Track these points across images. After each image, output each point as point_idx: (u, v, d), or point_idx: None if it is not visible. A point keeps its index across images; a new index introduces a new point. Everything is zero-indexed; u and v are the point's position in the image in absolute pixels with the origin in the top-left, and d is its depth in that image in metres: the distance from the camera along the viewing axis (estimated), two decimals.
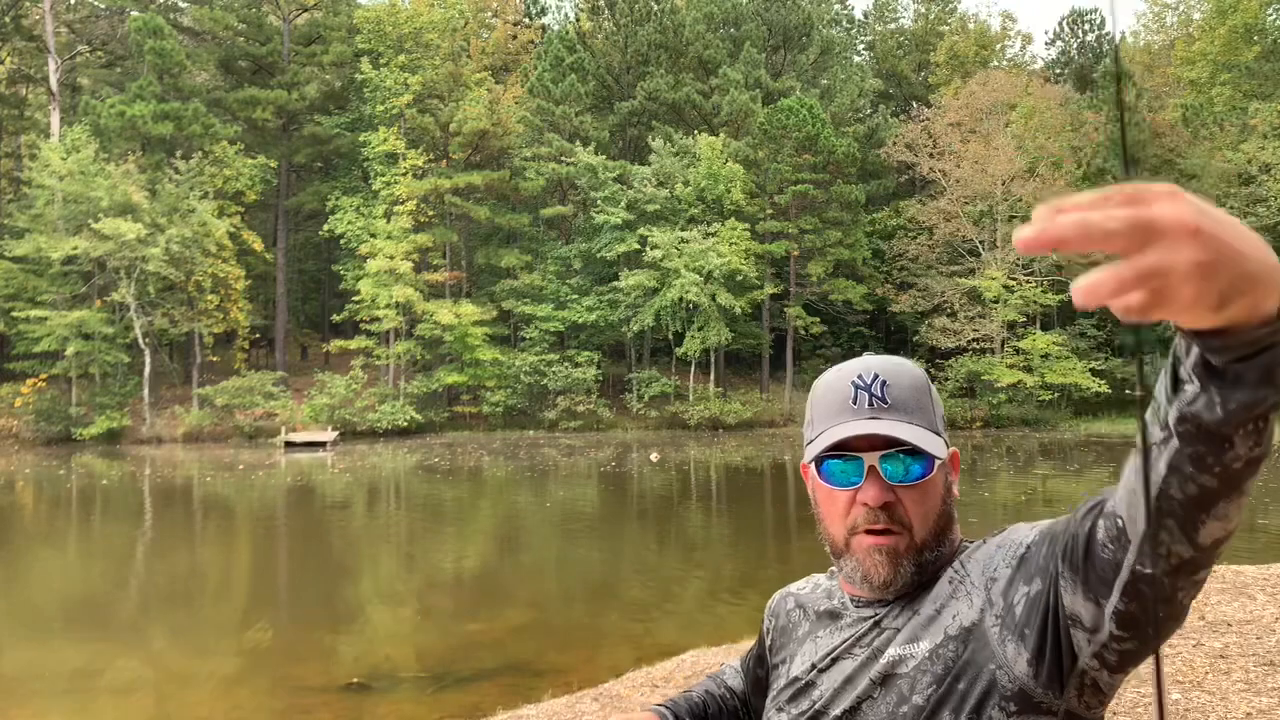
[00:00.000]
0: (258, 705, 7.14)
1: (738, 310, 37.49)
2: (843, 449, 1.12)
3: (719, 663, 6.36)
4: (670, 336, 38.18)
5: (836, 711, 1.14)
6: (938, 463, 1.13)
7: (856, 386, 1.15)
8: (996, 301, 36.65)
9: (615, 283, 38.41)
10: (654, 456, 27.42)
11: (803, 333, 41.34)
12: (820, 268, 39.62)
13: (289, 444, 32.24)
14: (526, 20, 53.27)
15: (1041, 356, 36.22)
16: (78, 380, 34.28)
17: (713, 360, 38.89)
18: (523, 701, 5.98)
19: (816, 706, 1.17)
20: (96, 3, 42.64)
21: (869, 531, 1.12)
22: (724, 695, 1.48)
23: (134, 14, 38.54)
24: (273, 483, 23.18)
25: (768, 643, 1.36)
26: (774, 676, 1.30)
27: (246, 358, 40.70)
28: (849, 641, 1.17)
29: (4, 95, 41.95)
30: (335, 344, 39.03)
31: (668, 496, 20.11)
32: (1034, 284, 37.22)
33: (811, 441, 1.17)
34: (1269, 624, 6.21)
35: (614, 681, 6.12)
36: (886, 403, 1.13)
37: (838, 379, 1.18)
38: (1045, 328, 38.68)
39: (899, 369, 1.17)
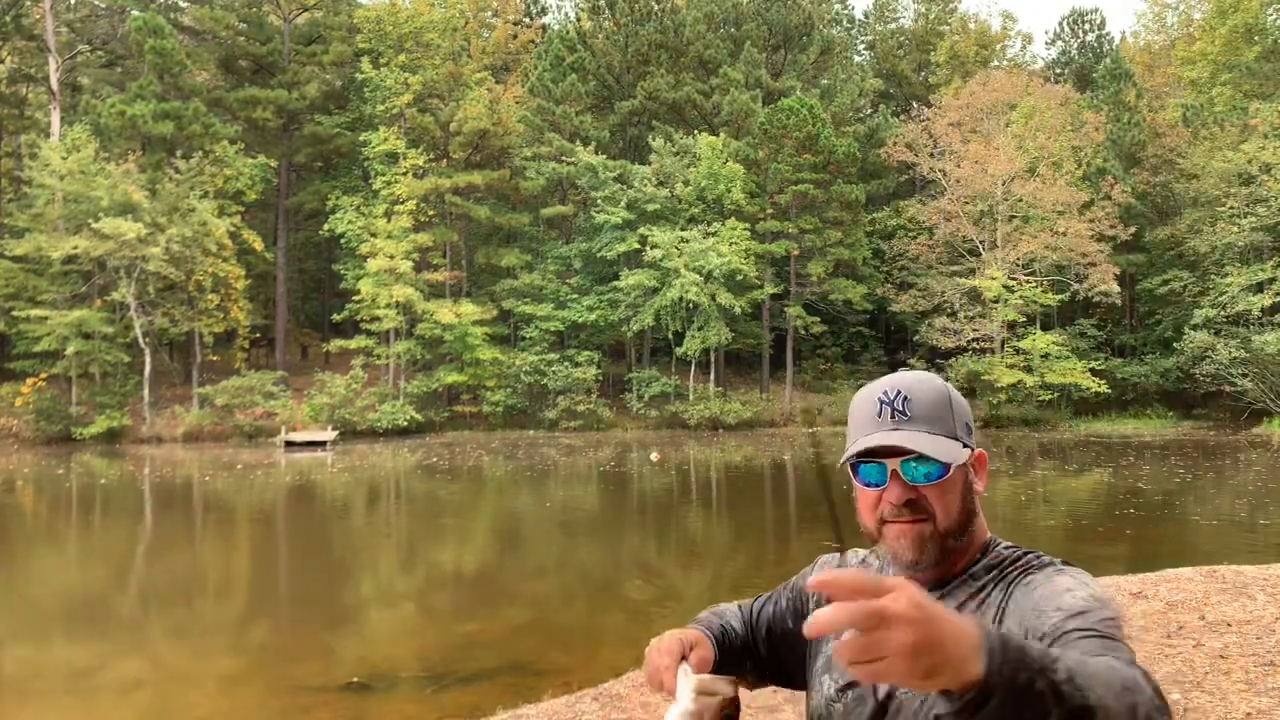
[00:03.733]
0: (258, 705, 7.14)
1: (738, 310, 37.49)
2: (870, 455, 1.32)
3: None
4: (670, 336, 38.18)
5: (880, 694, 1.32)
6: (953, 466, 1.30)
7: (882, 401, 1.34)
8: (997, 301, 36.63)
9: (615, 282, 38.42)
10: (654, 456, 27.42)
11: (803, 332, 41.34)
12: (820, 267, 39.62)
13: (289, 443, 32.25)
14: (527, 20, 53.30)
15: (1041, 356, 36.21)
16: (78, 380, 34.29)
17: (713, 360, 38.89)
18: (523, 701, 5.98)
19: (864, 686, 1.34)
20: (97, 2, 42.65)
21: (894, 521, 1.32)
22: (733, 631, 1.61)
23: (134, 13, 38.53)
24: (273, 482, 23.18)
25: (810, 606, 1.53)
26: (820, 641, 1.45)
27: (247, 357, 40.69)
28: None
29: (4, 94, 41.94)
30: (335, 343, 39.03)
31: (668, 496, 20.11)
32: (1034, 284, 37.21)
33: (849, 448, 1.36)
34: (1269, 624, 6.20)
35: (614, 681, 6.12)
36: (907, 415, 1.32)
37: (869, 394, 1.37)
38: (1045, 328, 38.66)
39: (920, 384, 1.35)
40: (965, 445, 1.34)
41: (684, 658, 1.41)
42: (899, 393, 1.33)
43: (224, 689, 7.63)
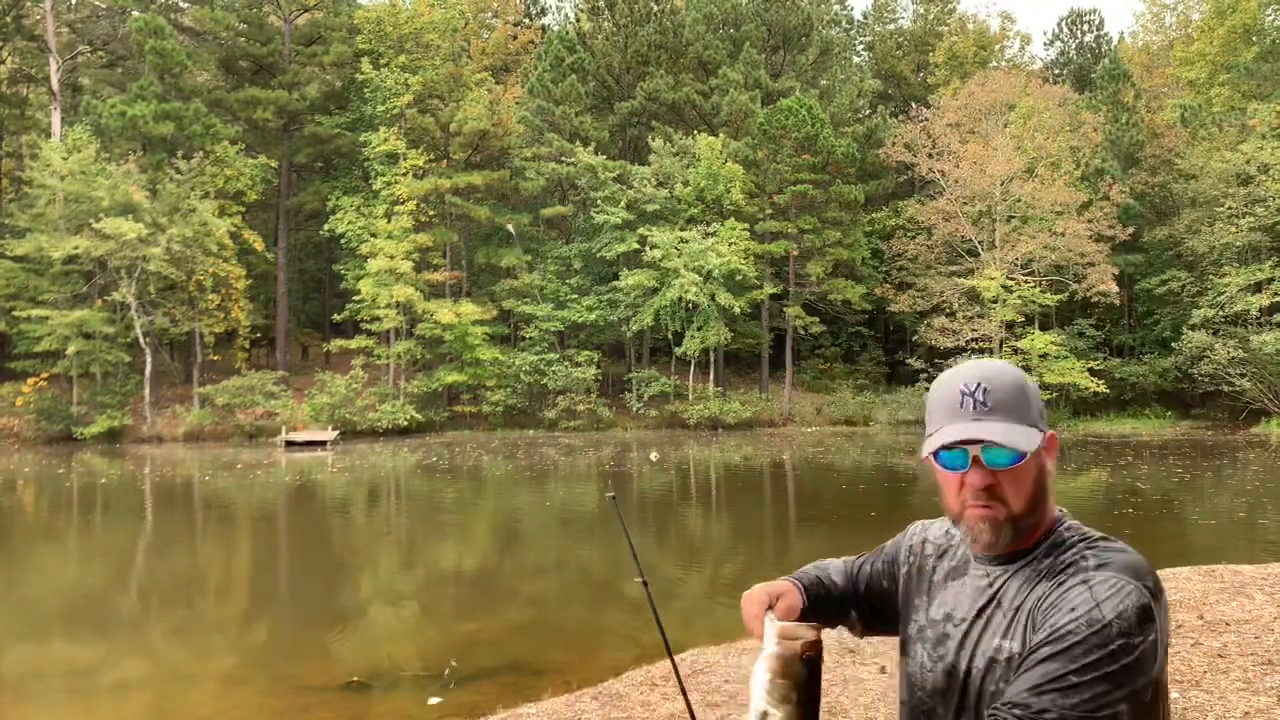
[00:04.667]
0: (258, 704, 7.16)
1: (737, 310, 37.52)
2: (953, 444, 1.41)
3: (719, 662, 6.39)
4: (670, 336, 38.21)
5: (962, 667, 1.44)
6: (1030, 453, 1.38)
7: (963, 393, 1.42)
8: (995, 301, 36.65)
9: (615, 282, 38.44)
10: (653, 456, 27.44)
11: (802, 332, 41.37)
12: (819, 267, 39.64)
13: (289, 443, 32.27)
14: (526, 20, 53.31)
15: (1040, 356, 36.22)
16: (79, 379, 34.30)
17: (712, 360, 38.91)
18: (523, 700, 6.00)
19: (948, 660, 1.47)
20: (98, 3, 42.63)
21: (975, 505, 1.42)
22: (831, 583, 1.77)
23: (135, 14, 38.54)
24: (273, 482, 23.19)
25: (902, 571, 1.68)
26: (911, 608, 1.62)
27: (247, 357, 40.72)
28: (974, 613, 1.46)
29: (5, 95, 41.95)
30: (336, 343, 39.05)
31: (667, 496, 20.13)
32: (1033, 284, 37.24)
33: (930, 436, 1.45)
34: (1267, 623, 6.23)
35: (614, 680, 6.14)
36: (987, 406, 1.40)
37: (951, 384, 1.45)
38: (1044, 328, 38.68)
39: (999, 375, 1.43)
40: (1040, 430, 1.42)
41: (770, 607, 1.60)
42: (979, 384, 1.41)
43: (224, 688, 7.65)
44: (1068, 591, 1.30)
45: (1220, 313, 35.56)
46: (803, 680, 1.42)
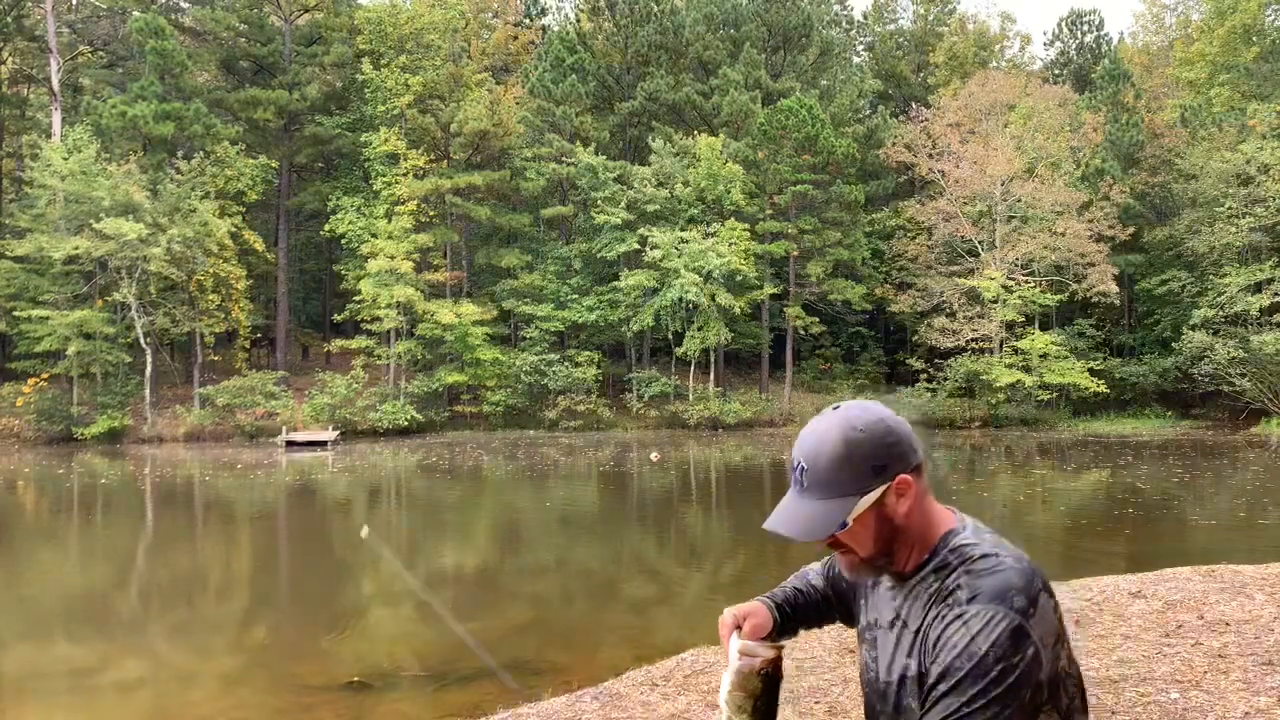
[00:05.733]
0: (259, 704, 7.17)
1: (737, 310, 37.52)
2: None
3: (719, 662, 6.39)
4: (670, 336, 38.21)
5: (883, 677, 1.58)
6: (848, 519, 1.48)
7: (792, 468, 1.54)
8: (995, 301, 36.66)
9: (615, 283, 38.45)
10: (654, 456, 27.45)
11: (802, 332, 41.38)
12: (820, 268, 39.65)
13: (290, 443, 32.27)
14: (527, 21, 53.28)
15: (1040, 356, 36.23)
16: (79, 380, 34.30)
17: (712, 360, 38.92)
18: (523, 700, 6.00)
19: (879, 665, 1.61)
20: (98, 3, 42.63)
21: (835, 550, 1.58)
22: (810, 590, 1.92)
23: (135, 14, 38.55)
24: (273, 482, 23.20)
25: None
26: (858, 608, 1.76)
27: (248, 357, 40.72)
28: (885, 623, 1.60)
29: (6, 95, 41.96)
30: (336, 343, 39.06)
31: (668, 496, 20.14)
32: (1033, 284, 37.25)
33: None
34: (1267, 623, 6.23)
35: (614, 680, 6.14)
36: (804, 485, 1.50)
37: (795, 448, 1.55)
38: (1044, 328, 38.69)
39: (821, 450, 1.49)
40: (865, 491, 1.48)
41: (739, 627, 1.75)
42: (799, 464, 1.51)
43: (225, 688, 7.66)
44: (947, 628, 1.42)
45: (1220, 313, 35.56)
46: (759, 693, 1.58)
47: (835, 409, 1.53)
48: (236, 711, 7.01)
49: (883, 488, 1.48)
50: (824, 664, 5.74)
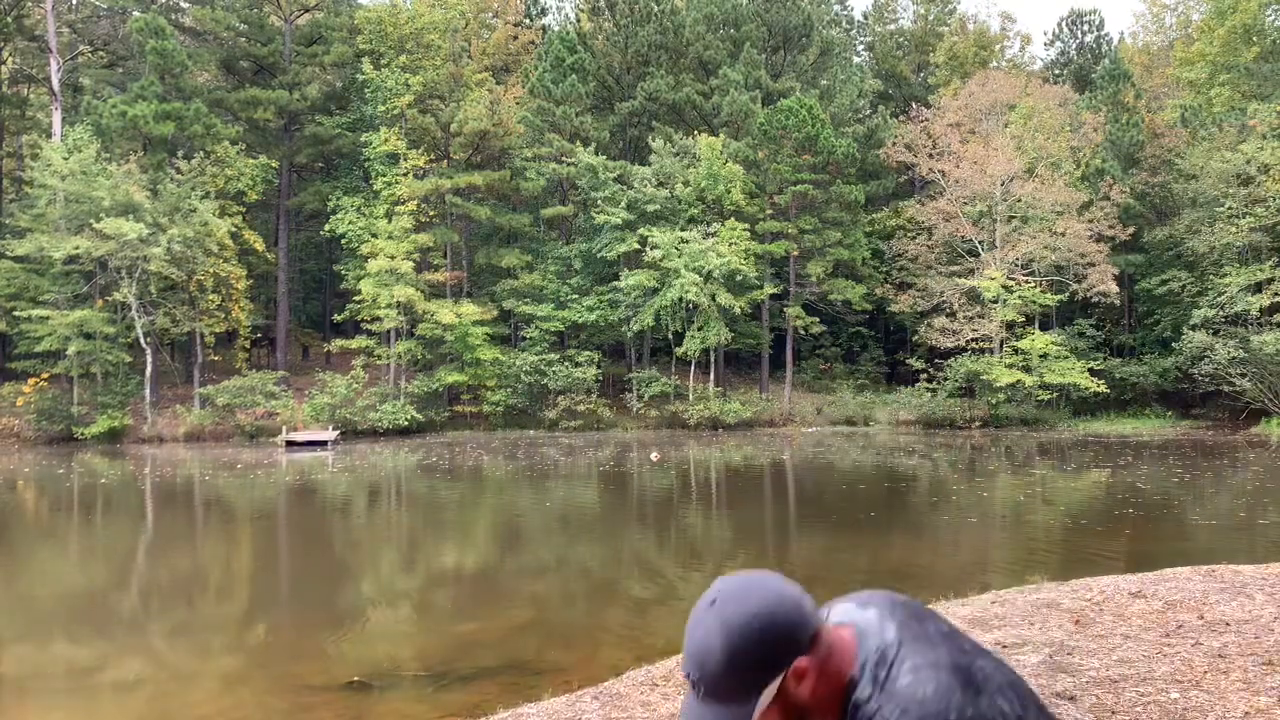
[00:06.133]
0: (259, 704, 7.16)
1: (737, 310, 37.53)
2: None
3: None
4: (670, 336, 38.23)
5: None
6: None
7: (686, 676, 1.47)
8: (995, 301, 36.67)
9: (615, 283, 38.47)
10: (654, 456, 27.45)
11: (802, 333, 41.39)
12: (820, 268, 39.66)
13: (290, 443, 32.28)
14: (527, 21, 53.30)
15: (1040, 356, 36.25)
16: (79, 379, 34.32)
17: (712, 360, 38.93)
18: (523, 700, 6.00)
19: None
20: (98, 3, 42.66)
21: None
22: None
23: (136, 14, 38.58)
24: (273, 481, 23.20)
25: None
26: None
27: (248, 357, 40.74)
28: None
29: (6, 95, 41.98)
30: (336, 343, 39.07)
31: (668, 496, 20.14)
32: (1033, 284, 37.25)
33: None
34: (1267, 623, 6.23)
35: (614, 680, 6.14)
36: (700, 692, 1.44)
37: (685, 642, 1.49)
38: (1044, 328, 38.71)
39: (705, 660, 1.42)
40: (763, 687, 1.42)
41: None
42: (689, 673, 1.45)
43: (225, 688, 7.66)
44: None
45: (1220, 313, 35.57)
46: None
47: (711, 604, 1.44)
48: (236, 711, 7.00)
49: (779, 679, 1.43)
50: None
